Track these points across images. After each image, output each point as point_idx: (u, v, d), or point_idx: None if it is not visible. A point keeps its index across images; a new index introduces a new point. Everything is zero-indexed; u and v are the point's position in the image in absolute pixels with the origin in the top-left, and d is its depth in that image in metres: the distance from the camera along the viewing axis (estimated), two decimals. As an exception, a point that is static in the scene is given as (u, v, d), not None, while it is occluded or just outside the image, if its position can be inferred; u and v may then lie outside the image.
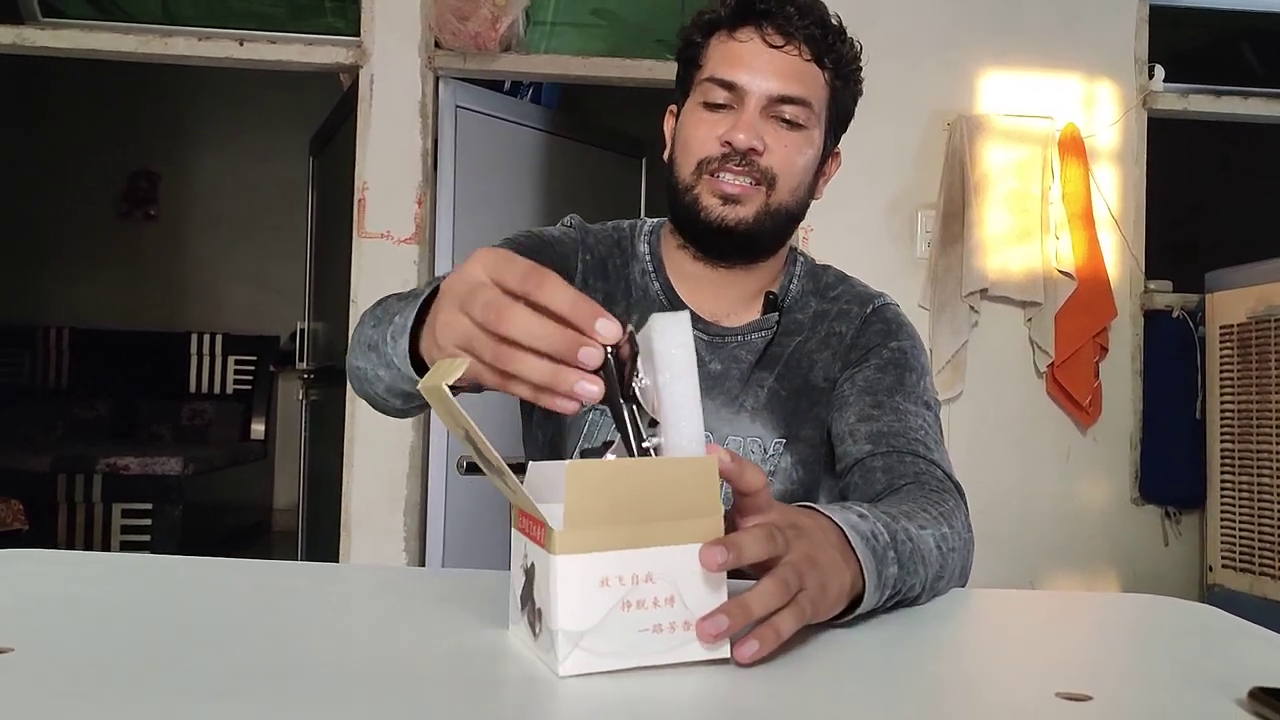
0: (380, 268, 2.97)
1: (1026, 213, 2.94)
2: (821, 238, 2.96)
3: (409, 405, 0.93)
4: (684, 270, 1.09)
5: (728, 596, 0.58)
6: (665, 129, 1.11)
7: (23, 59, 3.15)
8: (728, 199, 1.00)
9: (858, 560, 0.67)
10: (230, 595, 0.75)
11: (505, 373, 0.58)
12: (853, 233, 2.97)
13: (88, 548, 3.95)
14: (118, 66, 3.39)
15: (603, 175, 3.66)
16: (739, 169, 1.00)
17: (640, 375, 0.59)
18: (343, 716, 0.49)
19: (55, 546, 3.73)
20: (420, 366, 0.76)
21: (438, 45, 2.99)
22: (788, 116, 1.00)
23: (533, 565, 0.59)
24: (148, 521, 4.03)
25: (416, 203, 2.98)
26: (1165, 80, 3.09)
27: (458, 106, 3.06)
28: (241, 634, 0.63)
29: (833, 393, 1.07)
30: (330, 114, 3.54)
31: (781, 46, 1.00)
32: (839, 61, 1.03)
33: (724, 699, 0.54)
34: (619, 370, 0.58)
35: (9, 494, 3.19)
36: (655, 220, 1.16)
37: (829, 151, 1.08)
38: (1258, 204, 4.65)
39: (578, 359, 0.56)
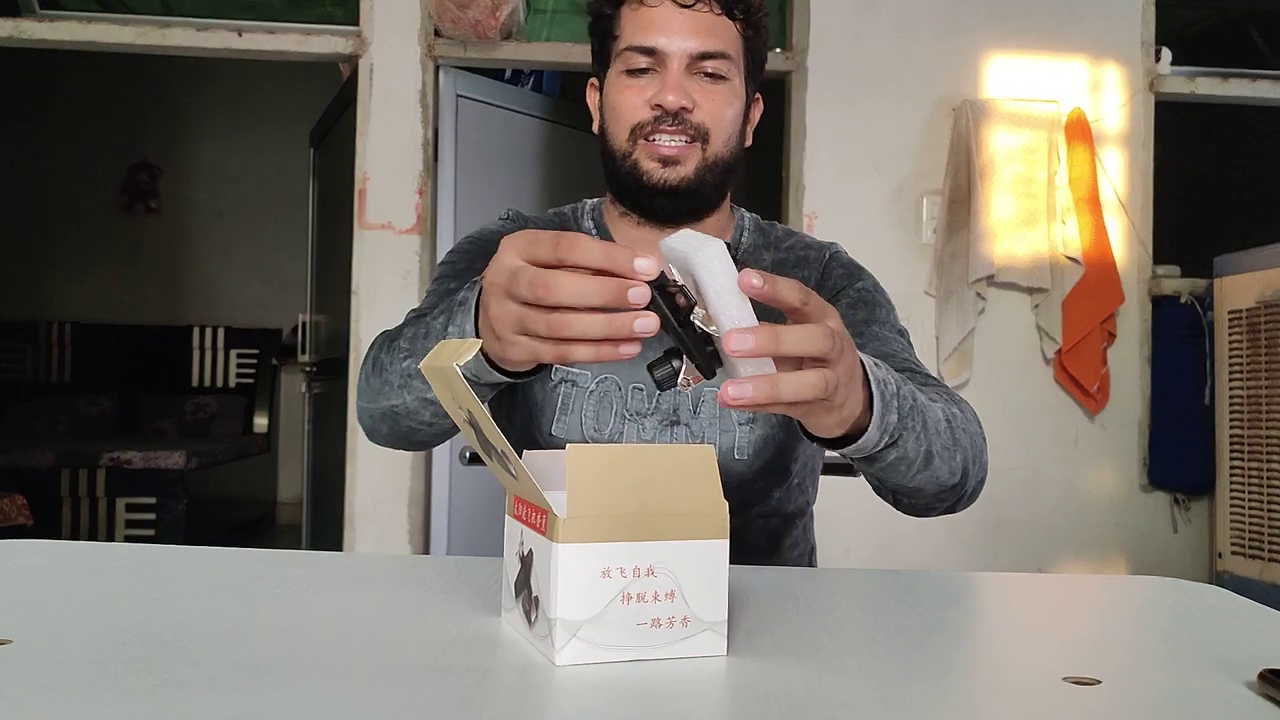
0: (382, 259, 2.96)
1: (1033, 198, 2.92)
2: (826, 223, 2.94)
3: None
4: (630, 237, 1.11)
5: (728, 597, 0.57)
6: (590, 103, 1.14)
7: (24, 56, 3.15)
8: (667, 161, 1.03)
9: (869, 394, 0.69)
10: (226, 585, 0.74)
11: (563, 340, 0.61)
12: (858, 219, 2.96)
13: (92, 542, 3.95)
14: (118, 60, 3.39)
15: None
16: (673, 129, 1.03)
17: (691, 297, 0.60)
18: (340, 704, 0.48)
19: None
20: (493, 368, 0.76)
21: (437, 34, 2.97)
22: (710, 70, 1.04)
23: (530, 552, 0.59)
24: (152, 516, 4.04)
25: (417, 193, 2.97)
26: (1172, 63, 3.06)
27: (458, 95, 3.05)
28: (238, 623, 0.63)
29: None
30: (330, 105, 3.53)
31: (692, 5, 1.03)
32: (748, 11, 1.06)
33: (721, 685, 0.53)
34: (667, 298, 0.60)
35: (13, 489, 3.19)
36: (595, 200, 1.19)
37: (750, 98, 1.12)
38: (1266, 187, 4.62)
39: (628, 301, 0.58)
